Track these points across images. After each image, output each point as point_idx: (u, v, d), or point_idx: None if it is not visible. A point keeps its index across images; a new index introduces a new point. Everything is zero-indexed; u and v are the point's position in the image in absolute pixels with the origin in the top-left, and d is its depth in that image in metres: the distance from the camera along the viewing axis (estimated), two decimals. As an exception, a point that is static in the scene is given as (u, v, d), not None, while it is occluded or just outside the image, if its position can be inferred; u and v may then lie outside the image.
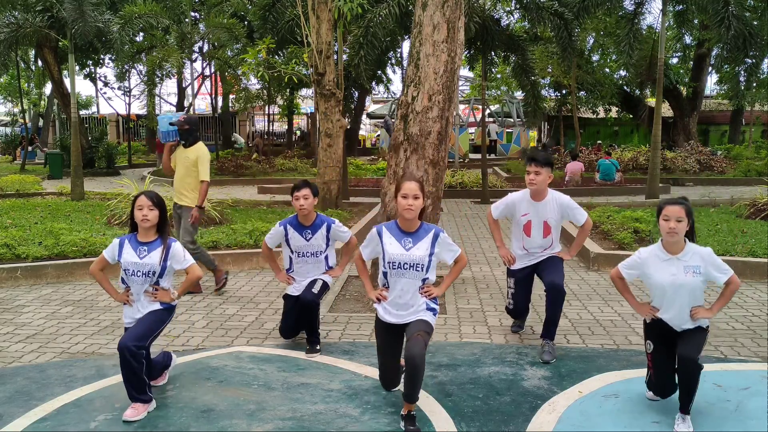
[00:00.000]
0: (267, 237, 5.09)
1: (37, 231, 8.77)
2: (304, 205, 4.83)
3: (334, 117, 11.02)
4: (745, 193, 13.44)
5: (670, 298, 3.65)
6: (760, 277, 7.05)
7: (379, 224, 3.91)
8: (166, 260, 3.93)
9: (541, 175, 4.73)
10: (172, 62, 17.08)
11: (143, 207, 3.88)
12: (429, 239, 3.75)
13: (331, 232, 4.97)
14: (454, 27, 6.18)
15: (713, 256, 3.63)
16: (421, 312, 3.73)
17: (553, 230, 4.90)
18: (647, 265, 3.72)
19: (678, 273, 3.60)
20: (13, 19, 15.51)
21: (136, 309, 3.95)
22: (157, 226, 3.96)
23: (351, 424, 3.65)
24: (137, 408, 3.75)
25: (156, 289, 3.95)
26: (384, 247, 3.76)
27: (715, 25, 14.43)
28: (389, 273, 3.75)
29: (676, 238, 3.57)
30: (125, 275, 3.95)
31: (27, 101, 37.20)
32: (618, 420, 3.66)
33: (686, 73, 28.40)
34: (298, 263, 4.99)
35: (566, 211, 4.88)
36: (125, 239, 4.01)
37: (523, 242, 4.95)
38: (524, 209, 4.89)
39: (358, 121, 31.24)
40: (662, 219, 3.59)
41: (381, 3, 13.11)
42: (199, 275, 4.10)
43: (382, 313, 3.80)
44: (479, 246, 9.56)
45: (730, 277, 3.64)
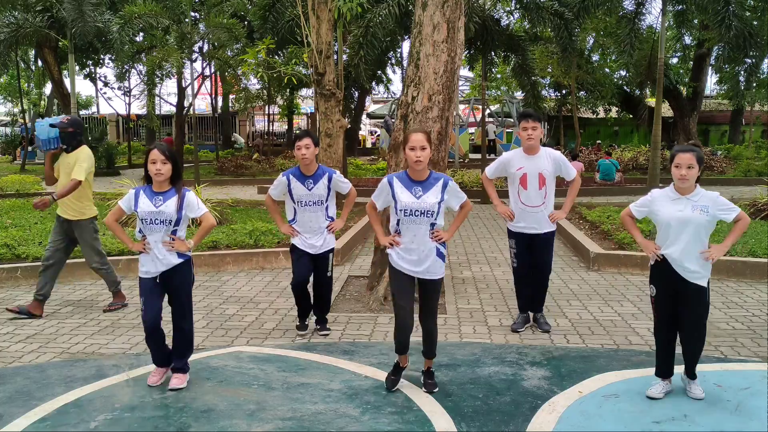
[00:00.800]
0: (271, 188, 5.25)
1: (37, 231, 8.77)
2: (305, 154, 4.96)
3: (334, 117, 11.01)
4: (745, 193, 13.45)
5: (675, 233, 3.78)
6: (760, 277, 7.05)
7: (390, 175, 4.09)
8: (181, 209, 4.05)
9: (537, 130, 5.15)
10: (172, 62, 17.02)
11: (156, 161, 3.98)
12: (439, 187, 3.98)
13: (332, 182, 5.14)
14: (454, 27, 6.18)
15: (721, 198, 3.81)
16: (432, 258, 3.96)
17: (547, 182, 5.17)
18: (656, 203, 3.90)
19: (685, 209, 3.76)
20: (13, 19, 15.53)
21: (154, 257, 4.05)
22: (171, 178, 4.06)
23: (351, 424, 3.65)
24: (182, 378, 4.14)
25: (173, 240, 4.05)
26: (396, 196, 3.97)
27: (715, 25, 14.44)
28: (402, 220, 3.97)
29: (687, 184, 3.75)
30: (143, 225, 4.05)
31: (27, 101, 37.19)
32: (618, 420, 3.66)
33: (686, 73, 28.40)
34: (300, 212, 5.11)
35: (558, 163, 5.23)
36: (140, 190, 4.11)
37: (519, 196, 5.21)
38: (519, 164, 5.21)
39: (358, 121, 31.23)
40: (674, 166, 3.77)
41: (381, 3, 13.11)
42: (212, 223, 4.25)
43: (395, 259, 4.01)
44: (479, 246, 9.56)
45: (739, 214, 3.80)
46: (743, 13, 14.79)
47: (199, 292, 6.75)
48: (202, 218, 4.17)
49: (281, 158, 23.39)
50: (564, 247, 9.12)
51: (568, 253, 8.79)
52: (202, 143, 32.53)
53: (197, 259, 7.69)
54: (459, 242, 9.84)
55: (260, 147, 30.17)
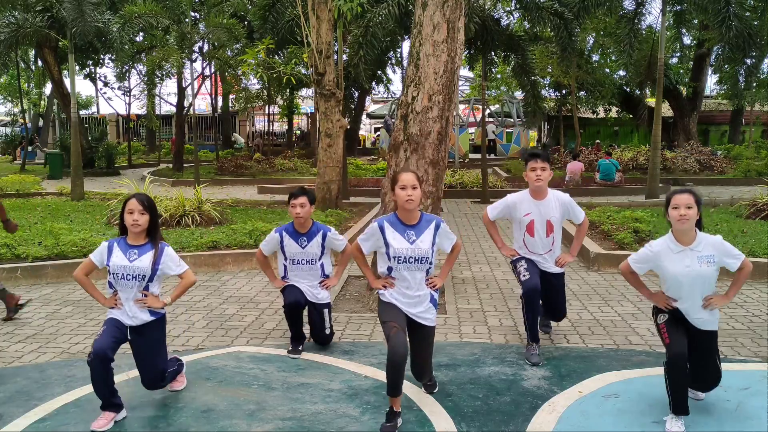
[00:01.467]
0: (262, 244, 5.07)
1: (37, 231, 8.78)
2: (300, 213, 4.82)
3: (334, 117, 11.02)
4: (745, 193, 13.44)
5: (687, 290, 3.63)
6: (760, 277, 7.04)
7: (380, 218, 3.91)
8: (157, 264, 3.80)
9: (545, 171, 4.69)
10: (172, 62, 17.04)
11: (134, 211, 3.74)
12: (431, 230, 3.80)
13: (326, 240, 4.96)
14: (454, 27, 6.18)
15: (725, 244, 3.64)
16: (426, 304, 3.81)
17: (555, 229, 4.83)
18: (660, 258, 3.69)
19: (692, 264, 3.59)
20: (13, 19, 15.51)
21: (124, 313, 3.82)
22: (148, 230, 3.83)
23: (351, 424, 3.65)
24: (180, 380, 4.15)
25: (145, 295, 3.82)
26: (388, 242, 3.77)
27: (716, 25, 14.44)
28: (395, 268, 3.78)
29: (687, 225, 3.54)
30: (114, 279, 3.80)
31: (27, 101, 37.19)
32: (618, 420, 3.66)
33: (686, 73, 28.42)
34: (292, 271, 4.97)
35: (567, 208, 4.84)
36: (114, 242, 3.86)
37: (525, 243, 4.86)
38: (526, 209, 4.80)
39: (358, 121, 31.23)
40: (671, 208, 3.57)
41: (381, 3, 13.11)
42: (193, 281, 4.00)
43: (388, 297, 3.82)
44: (479, 246, 9.56)
45: (743, 262, 3.64)
46: (743, 13, 14.78)
47: (199, 292, 6.76)
48: (183, 275, 3.91)
49: (281, 158, 23.39)
50: (564, 247, 9.08)
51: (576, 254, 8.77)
52: (202, 143, 32.57)
53: (197, 259, 7.70)
54: (459, 242, 9.83)
55: (260, 147, 30.19)
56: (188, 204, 9.93)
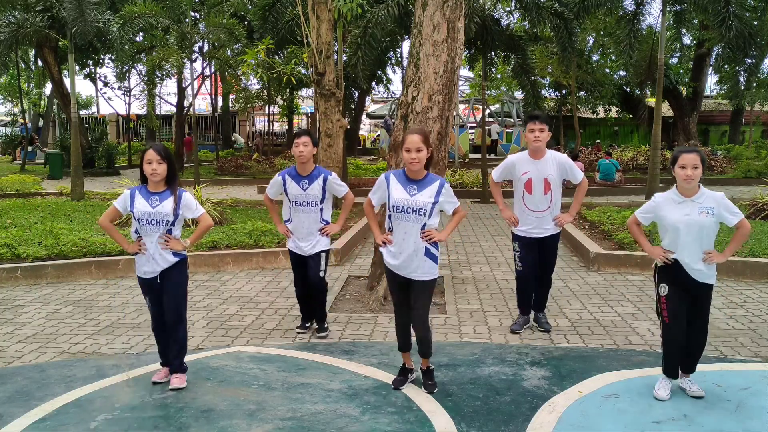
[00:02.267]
0: (267, 187, 5.31)
1: (37, 231, 8.78)
2: (303, 152, 4.96)
3: (334, 117, 11.01)
4: (745, 193, 13.44)
5: (683, 238, 3.77)
6: (760, 277, 7.04)
7: (388, 171, 4.12)
8: (178, 209, 4.03)
9: (544, 132, 4.99)
10: (172, 62, 17.03)
11: (152, 161, 3.97)
12: (434, 188, 3.97)
13: (327, 184, 5.10)
14: (454, 27, 6.18)
15: (725, 200, 3.80)
16: (420, 258, 3.93)
17: (553, 187, 5.07)
18: (661, 208, 3.87)
19: (692, 213, 3.75)
20: (13, 19, 15.50)
21: (150, 257, 4.05)
22: (167, 178, 4.05)
23: (351, 424, 3.65)
24: (181, 377, 4.14)
25: (168, 238, 4.04)
26: (390, 192, 4.00)
27: (716, 25, 14.43)
28: (392, 216, 3.99)
29: (692, 185, 3.73)
30: (138, 225, 4.05)
31: (27, 101, 37.17)
32: (618, 420, 3.66)
33: (686, 73, 28.39)
34: (295, 212, 5.13)
35: (565, 167, 5.11)
36: (136, 190, 4.10)
37: (524, 201, 5.12)
38: (524, 168, 5.09)
39: (358, 121, 31.22)
40: (678, 167, 3.74)
41: (380, 3, 13.10)
42: (210, 224, 4.23)
43: (387, 257, 4.03)
44: (479, 246, 9.56)
45: (741, 220, 3.79)
46: (743, 13, 14.78)
47: (199, 292, 6.76)
48: (200, 218, 4.16)
49: (281, 158, 23.39)
50: (564, 247, 9.12)
51: (568, 253, 8.79)
52: (202, 143, 32.55)
53: (197, 259, 7.70)
54: (459, 242, 9.84)
55: (260, 147, 30.17)
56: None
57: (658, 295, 3.94)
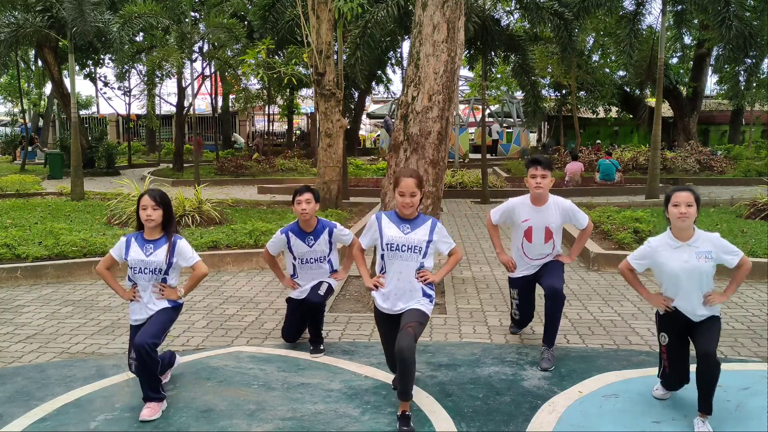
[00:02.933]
0: (269, 244, 5.08)
1: (37, 231, 8.77)
2: (306, 210, 4.81)
3: (334, 117, 11.02)
4: (745, 193, 13.44)
5: (684, 286, 3.64)
6: (760, 277, 7.04)
7: (379, 213, 4.00)
8: (172, 257, 3.95)
9: (546, 179, 4.67)
10: (172, 62, 17.04)
11: (147, 207, 3.90)
12: (427, 227, 3.86)
13: (333, 237, 4.97)
14: (454, 27, 6.18)
15: (722, 240, 3.67)
16: (417, 298, 3.78)
17: (554, 235, 4.82)
18: (658, 254, 3.72)
19: (690, 259, 3.61)
20: (13, 19, 15.51)
21: (143, 306, 3.98)
22: (162, 224, 3.97)
23: (351, 424, 3.65)
24: (153, 407, 3.76)
25: (162, 287, 3.97)
26: (382, 231, 3.85)
27: (716, 26, 14.43)
28: (386, 255, 3.83)
29: (687, 223, 3.58)
30: (132, 273, 3.99)
31: (27, 101, 37.18)
32: (618, 420, 3.66)
33: (686, 73, 28.40)
34: (302, 269, 4.99)
35: (568, 214, 4.82)
36: (131, 237, 4.04)
37: (523, 248, 4.86)
38: (525, 215, 4.80)
39: (358, 121, 31.23)
40: (671, 206, 3.60)
41: (380, 3, 13.09)
42: (205, 272, 4.12)
43: (379, 301, 3.87)
44: (479, 246, 9.55)
45: (741, 259, 3.66)
46: (743, 13, 14.78)
47: (199, 292, 6.75)
48: (195, 266, 4.05)
49: (281, 158, 23.39)
50: (564, 247, 9.10)
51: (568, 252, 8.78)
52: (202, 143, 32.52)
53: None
54: (459, 242, 9.83)
55: (260, 147, 30.17)
56: (188, 204, 9.93)
57: (660, 344, 3.84)
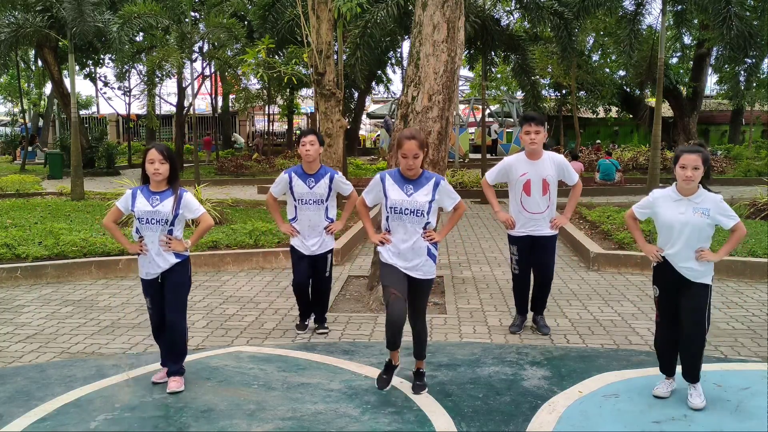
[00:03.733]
0: (272, 186, 5.29)
1: (37, 231, 8.77)
2: (309, 151, 4.99)
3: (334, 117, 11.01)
4: (745, 193, 13.44)
5: (676, 235, 3.77)
6: (760, 277, 7.04)
7: (383, 171, 4.08)
8: (178, 208, 4.04)
9: (540, 134, 4.96)
10: (172, 62, 17.03)
11: (155, 161, 3.98)
12: (430, 186, 3.94)
13: (333, 182, 5.14)
14: (454, 27, 6.18)
15: (723, 203, 3.78)
16: (423, 258, 3.94)
17: (551, 187, 5.05)
18: (658, 204, 3.86)
19: (686, 212, 3.74)
20: (13, 19, 15.50)
21: (151, 258, 4.06)
22: (168, 177, 4.06)
23: (351, 424, 3.65)
24: (178, 381, 4.07)
25: (169, 239, 4.05)
26: (386, 193, 3.96)
27: (716, 25, 14.44)
28: (391, 217, 3.96)
29: (691, 185, 3.72)
30: (139, 224, 4.06)
31: (27, 101, 37.16)
32: (618, 420, 3.66)
33: (686, 73, 28.38)
34: (300, 211, 5.15)
35: (562, 167, 5.09)
36: (137, 190, 4.12)
37: (522, 203, 5.07)
38: (522, 169, 5.04)
39: (358, 121, 31.23)
40: (679, 167, 3.72)
41: (380, 3, 13.10)
42: (210, 224, 4.22)
43: (386, 257, 4.00)
44: (479, 246, 9.56)
45: (737, 224, 3.77)
46: (744, 13, 14.78)
47: (199, 292, 6.75)
48: (200, 218, 4.15)
49: (281, 158, 23.39)
50: (564, 247, 9.12)
51: (568, 253, 8.79)
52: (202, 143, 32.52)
53: (197, 259, 7.69)
54: (459, 242, 9.84)
55: (260, 147, 30.16)
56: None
57: (653, 297, 3.99)
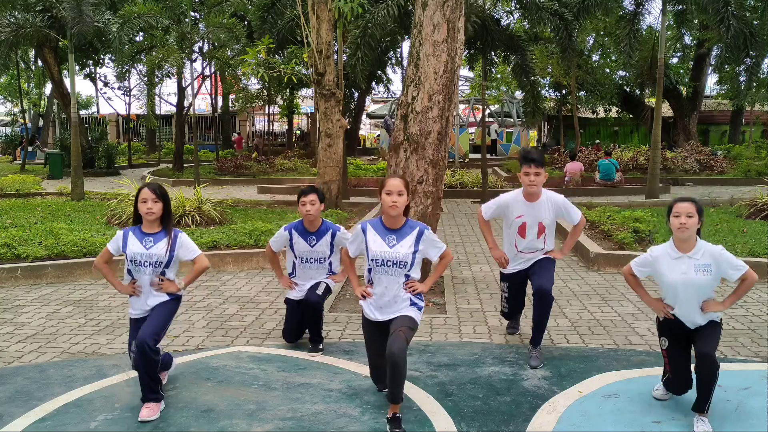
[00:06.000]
0: (271, 240, 5.11)
1: (37, 231, 8.77)
2: (310, 211, 4.84)
3: (334, 117, 11.02)
4: (745, 193, 13.44)
5: (681, 297, 3.67)
6: (760, 277, 7.04)
7: (364, 221, 3.95)
8: (173, 251, 3.95)
9: (540, 176, 4.65)
10: (172, 62, 17.04)
11: (147, 200, 3.87)
12: (413, 236, 3.77)
13: (335, 239, 4.99)
14: (454, 27, 6.18)
15: (725, 254, 3.63)
16: (405, 309, 3.75)
17: (547, 230, 4.81)
18: (658, 263, 3.74)
19: (688, 271, 3.62)
20: (13, 19, 15.51)
21: (143, 300, 3.97)
22: (161, 218, 3.95)
23: (351, 424, 3.65)
24: (152, 408, 3.74)
25: (162, 280, 3.96)
26: (368, 244, 3.80)
27: (714, 25, 14.43)
28: (373, 270, 3.79)
29: (687, 234, 3.58)
30: (132, 266, 3.95)
31: (27, 101, 37.19)
32: (618, 420, 3.66)
33: (686, 73, 28.39)
34: (301, 268, 5.02)
35: (561, 210, 4.80)
36: (129, 231, 4.01)
37: (516, 244, 4.86)
38: (519, 210, 4.79)
39: (358, 121, 31.23)
40: (672, 216, 3.62)
41: (380, 3, 13.10)
42: (206, 265, 4.12)
43: (367, 311, 3.85)
44: (479, 246, 9.55)
45: (745, 273, 3.63)
46: (743, 13, 14.77)
47: (199, 292, 6.76)
48: (196, 260, 4.06)
49: (281, 158, 23.39)
50: (557, 241, 9.10)
51: (568, 253, 8.78)
52: (202, 143, 32.55)
53: (197, 259, 7.68)
54: (459, 242, 9.84)
55: (259, 147, 30.16)
56: (188, 204, 9.93)
57: (661, 347, 3.88)
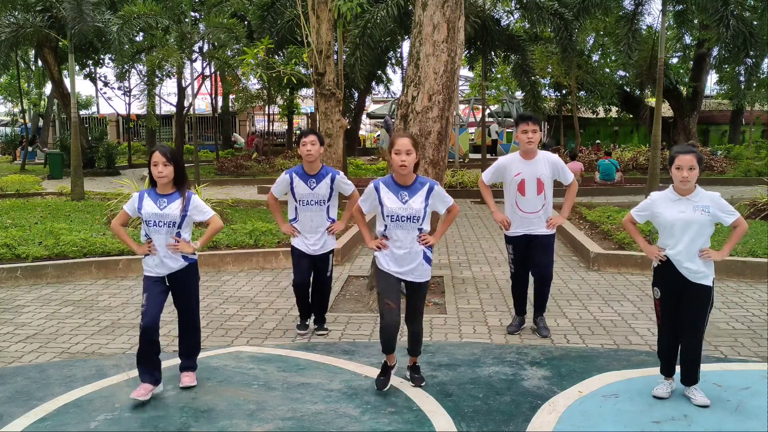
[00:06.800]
0: (273, 186, 5.29)
1: (37, 231, 8.77)
2: (311, 151, 4.98)
3: (334, 117, 11.01)
4: (745, 193, 13.42)
5: (678, 235, 3.78)
6: (760, 277, 7.04)
7: (377, 180, 4.10)
8: (186, 210, 4.03)
9: (536, 134, 4.98)
10: (172, 62, 17.03)
11: (158, 163, 3.95)
12: (424, 192, 3.99)
13: (335, 183, 5.14)
14: (454, 27, 6.18)
15: (721, 200, 3.80)
16: (419, 261, 4.00)
17: (546, 187, 5.04)
18: (657, 205, 3.89)
19: (687, 210, 3.76)
20: (13, 19, 15.50)
21: (160, 260, 4.05)
22: (174, 179, 4.04)
23: (351, 424, 3.65)
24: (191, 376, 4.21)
25: (177, 241, 4.03)
26: (382, 202, 3.98)
27: (714, 25, 14.43)
28: (388, 226, 3.99)
29: (688, 186, 3.75)
30: (147, 226, 4.04)
31: (27, 101, 37.16)
32: (618, 420, 3.66)
33: (686, 73, 28.37)
34: (302, 212, 5.15)
35: (557, 167, 5.08)
36: (144, 192, 4.10)
37: (517, 203, 5.08)
38: (516, 169, 5.07)
39: (358, 121, 31.23)
40: (675, 168, 3.76)
41: (380, 3, 13.10)
42: (220, 225, 4.23)
43: (382, 262, 4.04)
44: (479, 246, 9.56)
45: (737, 219, 3.79)
46: (743, 13, 14.77)
47: (200, 292, 6.74)
48: (210, 220, 4.16)
49: (281, 158, 23.39)
50: (564, 247, 9.12)
51: (568, 253, 8.79)
52: (202, 143, 32.54)
53: (197, 259, 7.69)
54: (459, 242, 9.84)
55: (259, 147, 30.15)
56: (188, 204, 9.91)
57: (653, 298, 3.99)
